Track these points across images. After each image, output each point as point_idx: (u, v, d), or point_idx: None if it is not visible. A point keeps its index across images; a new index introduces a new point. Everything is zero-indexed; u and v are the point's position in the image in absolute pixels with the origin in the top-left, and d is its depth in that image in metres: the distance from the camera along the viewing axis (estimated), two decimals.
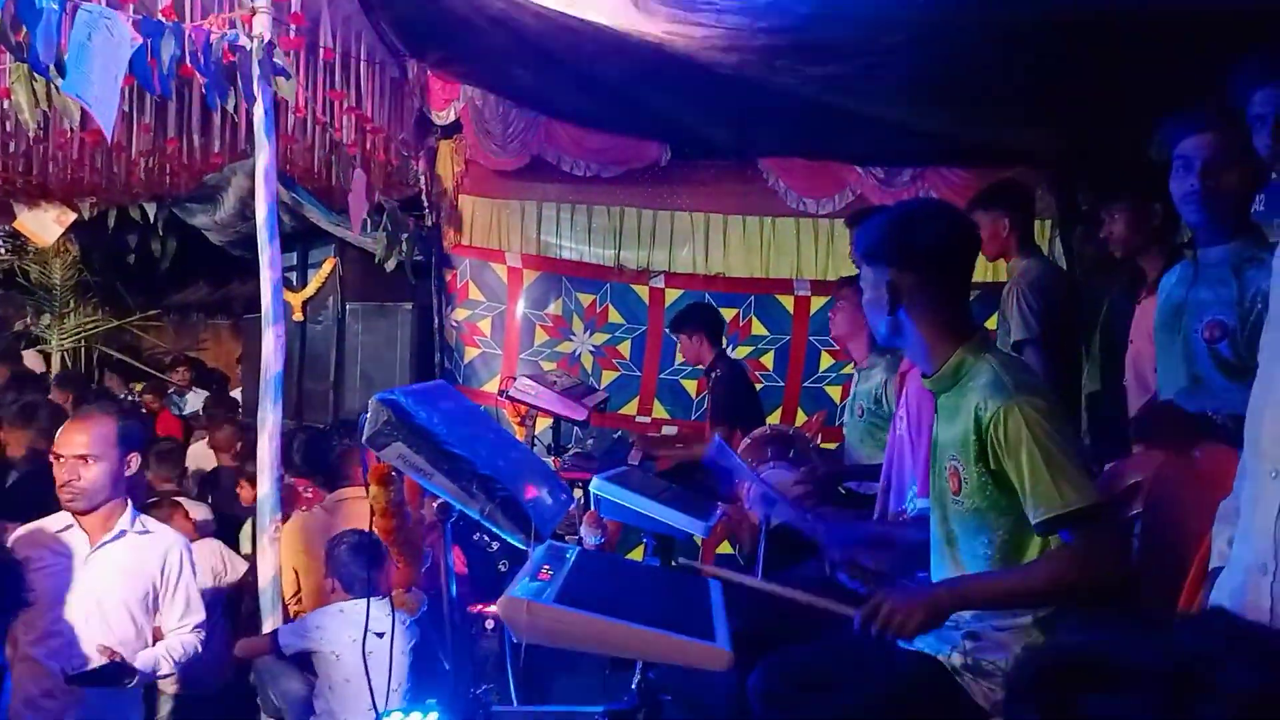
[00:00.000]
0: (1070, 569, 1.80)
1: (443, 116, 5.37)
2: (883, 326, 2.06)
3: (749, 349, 5.63)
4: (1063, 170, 4.94)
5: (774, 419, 5.30)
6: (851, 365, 3.80)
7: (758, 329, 5.67)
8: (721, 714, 2.94)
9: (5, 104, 3.92)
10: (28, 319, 9.77)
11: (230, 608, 3.91)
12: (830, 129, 4.67)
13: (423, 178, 5.70)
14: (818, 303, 5.51)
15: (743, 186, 5.64)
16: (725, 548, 4.49)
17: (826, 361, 5.56)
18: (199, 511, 4.24)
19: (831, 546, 2.38)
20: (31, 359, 8.88)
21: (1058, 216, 5.12)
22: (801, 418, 5.43)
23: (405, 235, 5.33)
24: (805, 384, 5.61)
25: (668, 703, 2.25)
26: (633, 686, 2.03)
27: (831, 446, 4.16)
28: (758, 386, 5.37)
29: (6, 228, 8.22)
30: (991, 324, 3.83)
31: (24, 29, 2.73)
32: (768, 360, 5.64)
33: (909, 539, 2.33)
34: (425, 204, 5.71)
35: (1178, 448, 2.08)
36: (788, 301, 5.65)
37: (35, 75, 3.20)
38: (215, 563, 3.84)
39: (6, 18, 2.69)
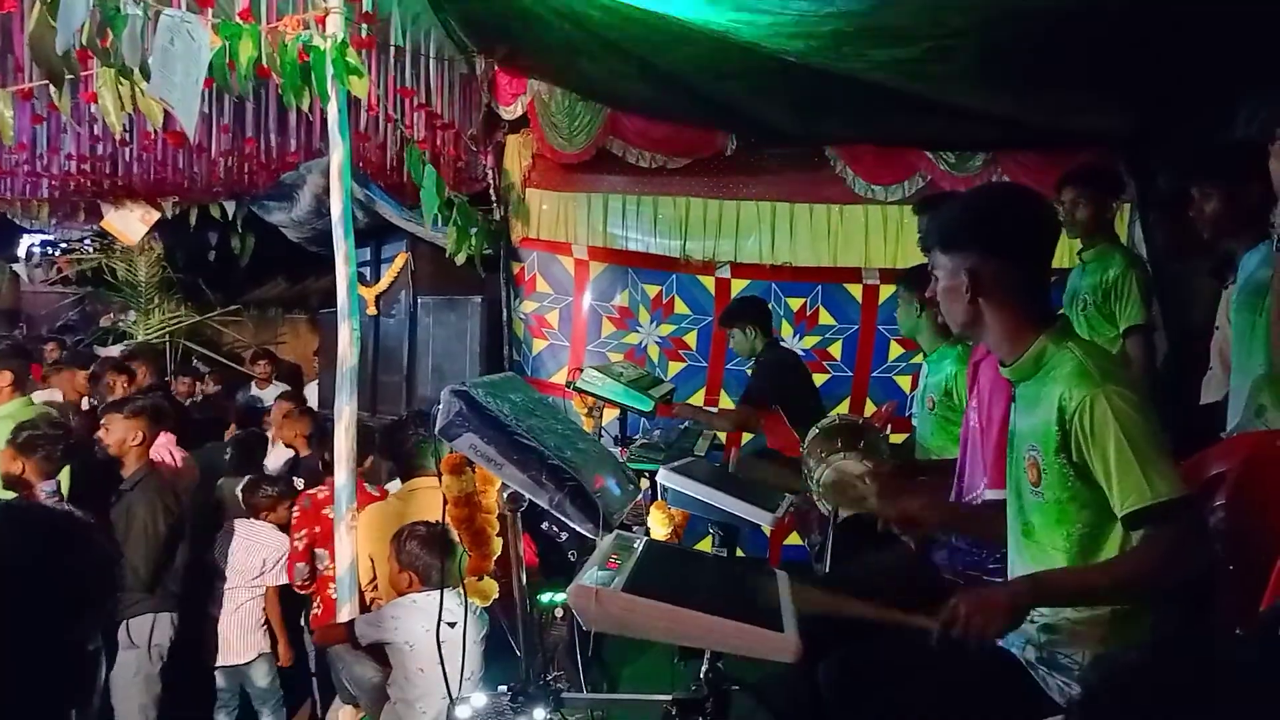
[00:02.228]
0: (1155, 564, 1.74)
1: (510, 111, 5.43)
2: (960, 315, 2.01)
3: (816, 339, 5.59)
4: (1141, 151, 4.78)
5: (842, 409, 5.26)
6: (922, 355, 3.74)
7: (825, 319, 5.62)
8: (790, 706, 2.94)
9: (92, 108, 4.08)
10: (115, 315, 10.16)
11: None
12: (898, 114, 4.60)
13: (491, 172, 5.78)
14: (886, 291, 5.44)
15: (809, 174, 5.58)
16: (794, 539, 4.48)
17: (896, 351, 5.49)
18: None
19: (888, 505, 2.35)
20: (117, 354, 9.23)
21: (1137, 199, 4.97)
22: (871, 408, 5.37)
23: (474, 229, 5.40)
24: (874, 374, 5.54)
25: (736, 693, 2.25)
26: (701, 676, 2.04)
27: (902, 437, 4.11)
28: (825, 377, 5.34)
29: (95, 227, 8.55)
30: None
31: (110, 35, 2.84)
32: (835, 350, 5.59)
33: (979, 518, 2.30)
34: (493, 198, 5.78)
35: (1266, 437, 2.01)
36: (856, 290, 5.59)
37: (121, 79, 3.31)
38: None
39: (94, 24, 2.80)
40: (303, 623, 4.06)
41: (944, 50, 3.45)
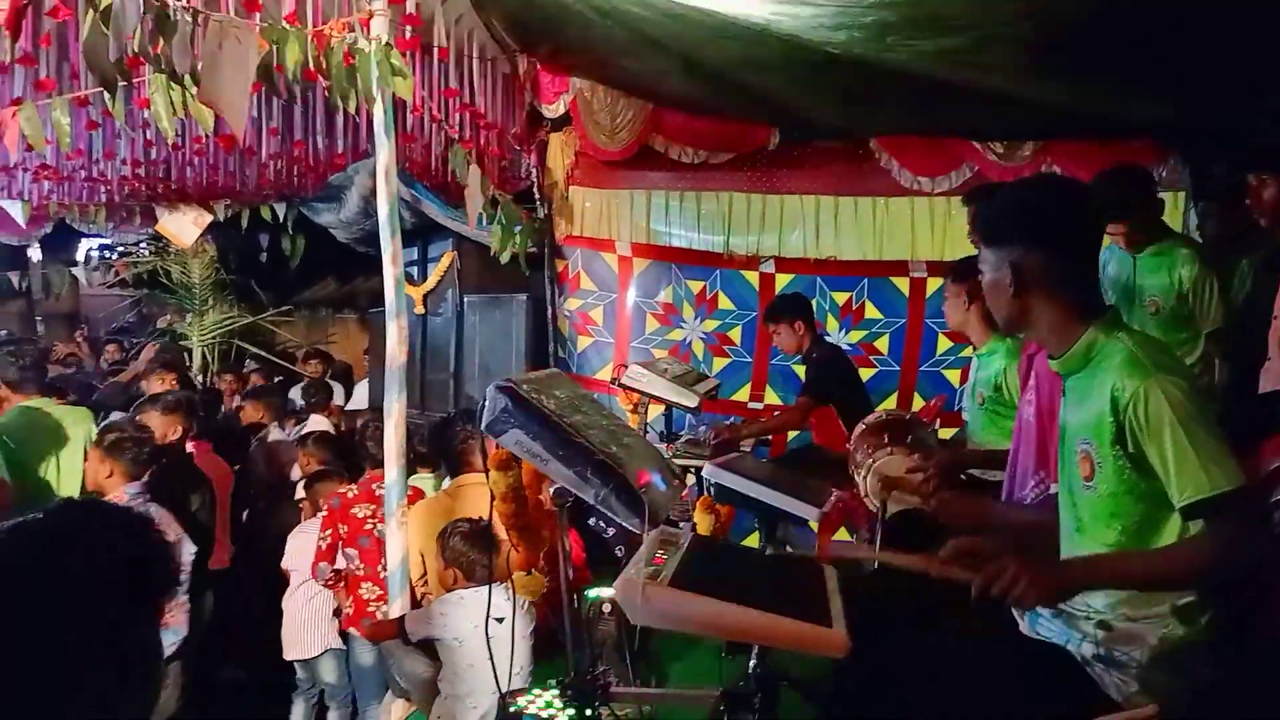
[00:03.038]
0: (1213, 555, 1.71)
1: (553, 110, 5.45)
2: (1005, 310, 1.98)
3: (862, 333, 5.54)
4: (1195, 139, 4.66)
5: (889, 404, 5.20)
6: (971, 348, 3.69)
7: (871, 312, 5.56)
8: (839, 701, 2.92)
9: (145, 113, 4.16)
10: (170, 317, 10.39)
11: None
12: (945, 104, 4.53)
13: (534, 171, 5.80)
14: (934, 284, 5.36)
15: (854, 167, 5.52)
16: (842, 534, 4.45)
17: (944, 344, 5.41)
18: None
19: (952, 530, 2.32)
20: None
21: (1190, 188, 4.85)
22: (919, 402, 5.31)
23: (519, 228, 5.43)
24: (922, 368, 5.47)
25: (784, 687, 2.24)
26: (749, 670, 2.04)
27: (952, 432, 4.06)
28: (871, 371, 5.29)
29: (150, 231, 8.75)
30: None
31: (161, 41, 2.90)
32: (882, 344, 5.53)
33: (1031, 521, 2.26)
34: (537, 196, 5.81)
35: None
36: (903, 284, 5.52)
37: (172, 84, 3.37)
38: None
39: (145, 31, 2.86)
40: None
41: (992, 39, 3.39)
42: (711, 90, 4.88)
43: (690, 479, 3.65)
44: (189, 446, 4.30)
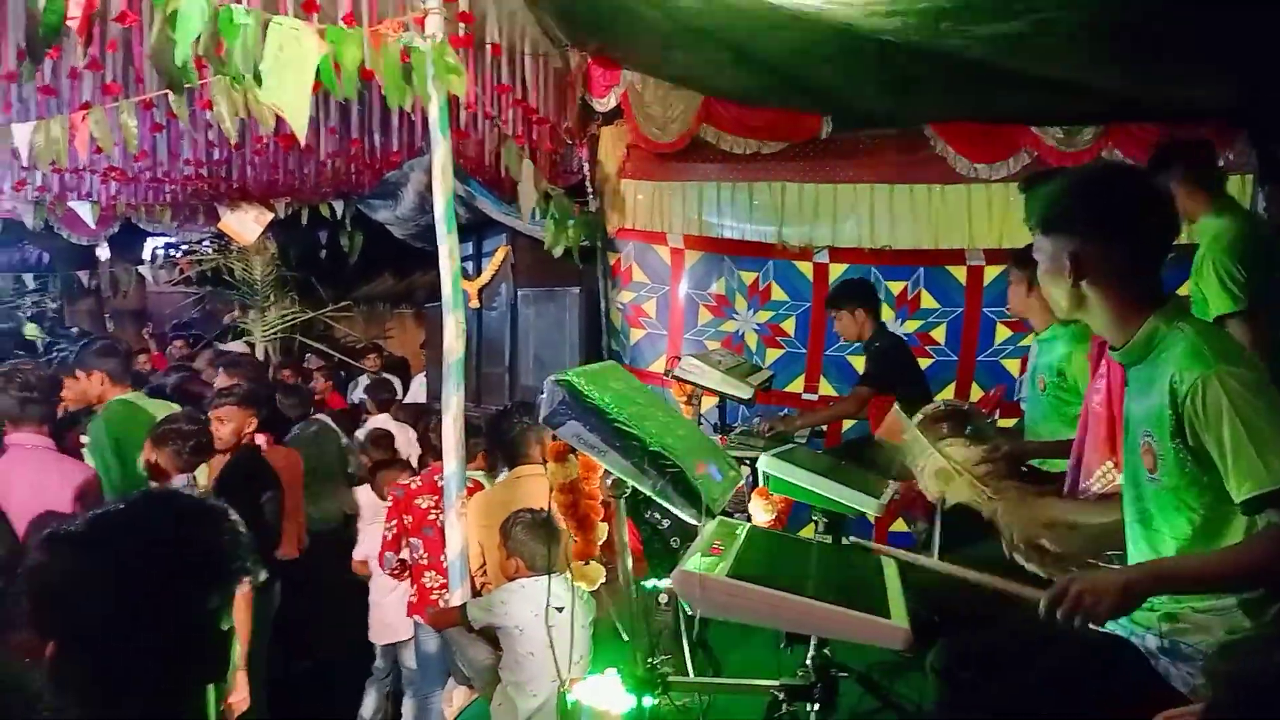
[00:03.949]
0: (1275, 552, 1.67)
1: (604, 103, 5.47)
2: (1063, 300, 1.95)
3: (918, 323, 5.47)
4: (1262, 121, 4.52)
5: (946, 395, 5.14)
6: (1031, 337, 3.63)
7: (927, 302, 5.49)
8: (898, 694, 2.90)
9: (207, 115, 4.27)
10: (234, 313, 10.65)
11: None
12: (1001, 90, 4.45)
13: (586, 165, 5.83)
14: (992, 273, 5.28)
15: (908, 155, 5.45)
16: (900, 526, 4.41)
17: (1003, 334, 5.33)
18: None
19: (1012, 527, 2.29)
20: (239, 350, 9.67)
21: (1258, 170, 4.70)
22: (977, 393, 5.24)
23: (571, 222, 5.46)
24: (980, 358, 5.39)
25: (843, 680, 2.24)
26: (807, 662, 2.04)
27: (1012, 423, 4.00)
28: (928, 361, 5.23)
29: (213, 229, 8.97)
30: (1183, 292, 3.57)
31: (224, 44, 2.97)
32: (939, 334, 5.46)
33: (1096, 519, 2.22)
34: (589, 190, 5.84)
35: None
36: (960, 273, 5.44)
37: (234, 86, 3.45)
38: None
39: (209, 35, 2.93)
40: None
41: (1049, 22, 3.32)
42: (763, 81, 4.86)
43: (745, 470, 3.64)
44: (258, 439, 4.42)
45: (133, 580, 1.24)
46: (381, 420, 6.08)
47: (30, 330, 11.07)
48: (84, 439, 4.13)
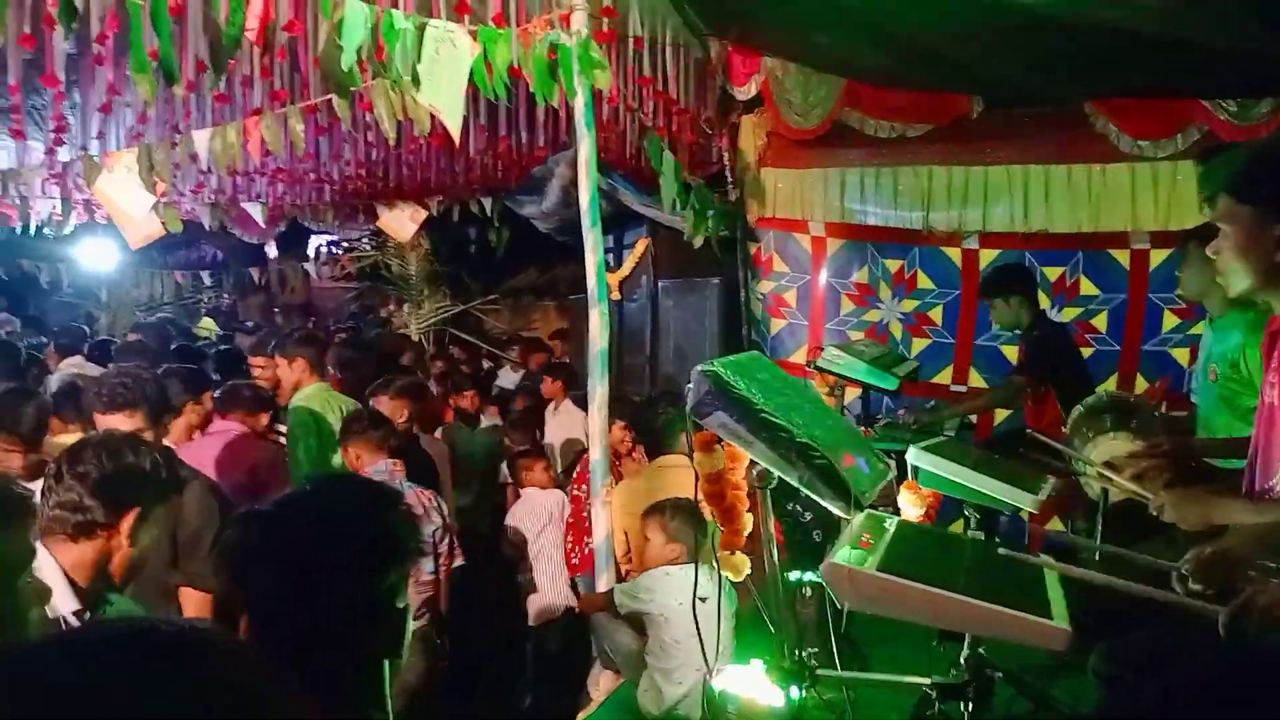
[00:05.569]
0: None
1: (744, 91, 5.44)
2: (1251, 275, 1.83)
3: (1078, 310, 5.21)
4: None
5: (1108, 386, 4.88)
6: (1201, 324, 3.41)
7: (1087, 288, 5.22)
8: (1056, 696, 2.79)
9: (368, 117, 4.48)
10: (391, 307, 11.16)
11: None
12: (1167, 63, 4.17)
13: (726, 154, 5.81)
14: (1158, 256, 4.98)
15: (1066, 133, 5.18)
16: (1056, 524, 4.23)
17: (1171, 321, 5.01)
18: None
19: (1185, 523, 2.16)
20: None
21: None
22: (1142, 384, 4.95)
23: (711, 212, 5.46)
24: (1145, 347, 5.08)
25: (998, 680, 2.18)
26: (961, 661, 1.99)
27: (1181, 415, 3.76)
28: (1088, 351, 4.98)
29: (371, 227, 9.42)
30: None
31: (385, 49, 3.11)
32: (1100, 322, 5.18)
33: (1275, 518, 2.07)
34: (729, 180, 5.82)
35: None
36: (1123, 256, 5.15)
37: (393, 89, 3.61)
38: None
39: (371, 40, 3.08)
40: None
41: None
42: (907, 62, 4.73)
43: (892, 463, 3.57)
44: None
45: (315, 559, 1.33)
46: (566, 406, 6.22)
47: (206, 324, 11.89)
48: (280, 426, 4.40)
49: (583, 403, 4.42)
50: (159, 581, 2.66)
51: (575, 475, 4.43)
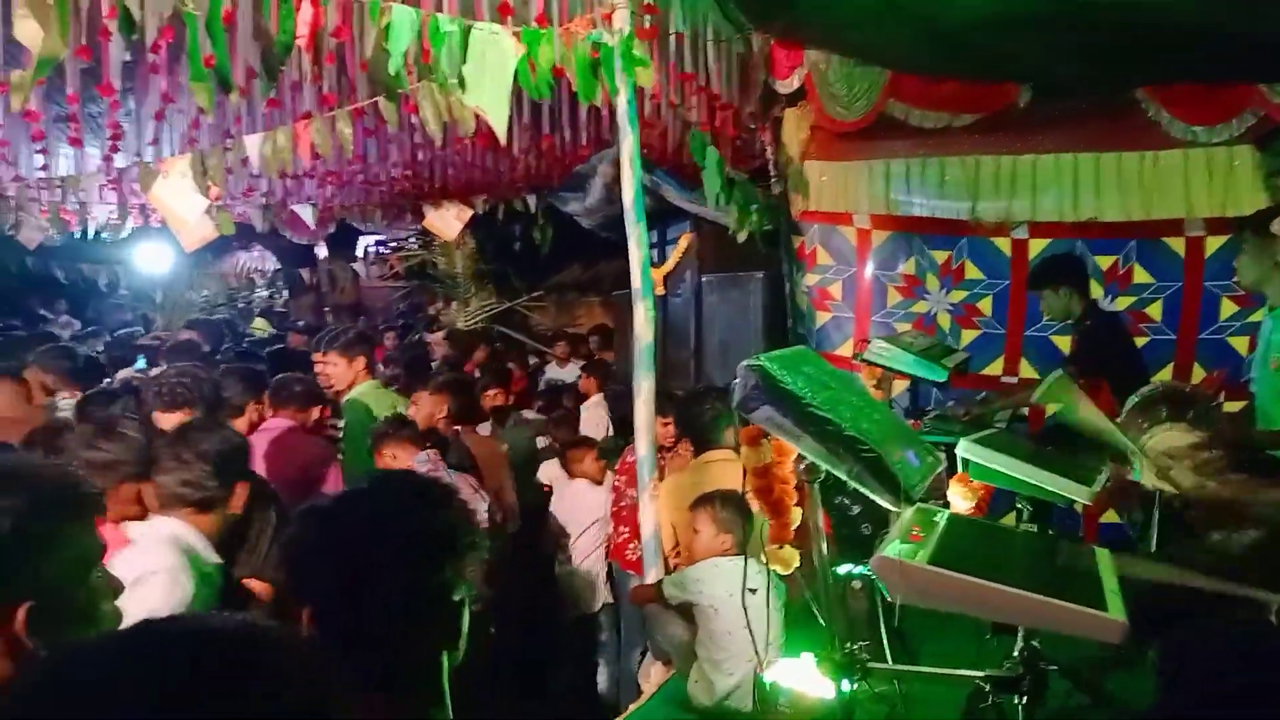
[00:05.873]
0: None
1: (787, 85, 5.41)
2: None
3: (1131, 299, 5.11)
4: None
5: (1163, 376, 4.79)
6: (1260, 312, 3.33)
7: (1140, 276, 5.12)
8: (1112, 690, 2.76)
9: (414, 119, 4.54)
10: (438, 305, 11.31)
11: None
12: (1221, 47, 4.07)
13: (769, 148, 5.79)
14: (1214, 244, 4.87)
15: (1116, 121, 5.07)
16: (1110, 517, 4.16)
17: (1228, 309, 4.89)
18: None
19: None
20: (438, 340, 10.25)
21: None
22: (1198, 374, 4.85)
23: (755, 206, 5.45)
24: (1201, 336, 4.97)
25: (1052, 673, 2.16)
26: (1015, 654, 1.98)
27: (1239, 405, 3.69)
28: (1143, 340, 4.90)
29: (418, 227, 9.55)
30: None
31: (431, 52, 3.16)
32: (1154, 311, 5.08)
33: None
34: (772, 173, 5.80)
35: None
36: (1177, 244, 5.04)
37: (440, 91, 3.66)
38: None
39: (417, 44, 3.13)
40: None
41: None
42: (952, 54, 4.66)
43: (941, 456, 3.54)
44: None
45: (373, 552, 1.36)
46: (597, 400, 6.28)
47: (259, 324, 12.12)
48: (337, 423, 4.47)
49: (619, 397, 4.47)
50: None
51: (616, 466, 4.51)
